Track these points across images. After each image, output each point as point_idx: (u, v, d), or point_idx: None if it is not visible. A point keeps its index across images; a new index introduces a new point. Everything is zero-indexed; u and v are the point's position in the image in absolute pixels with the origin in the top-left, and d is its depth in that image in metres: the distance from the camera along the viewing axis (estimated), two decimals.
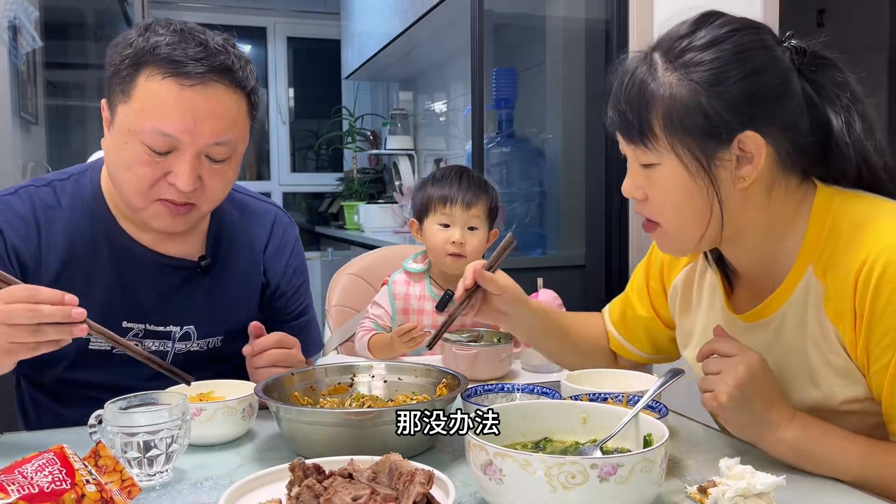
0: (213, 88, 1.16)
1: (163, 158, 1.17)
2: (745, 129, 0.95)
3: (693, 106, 0.95)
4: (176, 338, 1.32)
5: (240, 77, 1.20)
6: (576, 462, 0.76)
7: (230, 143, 1.20)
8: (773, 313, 1.04)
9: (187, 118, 1.14)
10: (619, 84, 1.01)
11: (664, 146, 0.97)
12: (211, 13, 5.30)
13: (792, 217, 1.02)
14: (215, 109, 1.16)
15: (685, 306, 1.23)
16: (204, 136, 1.16)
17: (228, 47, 1.21)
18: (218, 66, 1.17)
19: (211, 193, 1.23)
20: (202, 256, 1.34)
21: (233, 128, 1.20)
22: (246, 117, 1.24)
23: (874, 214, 0.97)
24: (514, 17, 3.45)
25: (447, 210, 1.77)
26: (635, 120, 0.98)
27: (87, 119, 3.91)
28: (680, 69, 0.96)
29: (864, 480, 0.93)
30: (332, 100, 5.46)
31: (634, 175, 1.04)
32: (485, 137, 2.81)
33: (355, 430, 0.98)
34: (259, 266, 1.42)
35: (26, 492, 0.74)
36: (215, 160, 1.20)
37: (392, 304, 1.79)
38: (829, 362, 0.99)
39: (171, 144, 1.16)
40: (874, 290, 0.92)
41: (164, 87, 1.14)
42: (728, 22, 0.99)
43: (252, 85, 1.23)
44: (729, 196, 0.98)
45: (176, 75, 1.14)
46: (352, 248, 4.16)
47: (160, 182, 1.18)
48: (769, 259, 1.05)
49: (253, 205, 1.47)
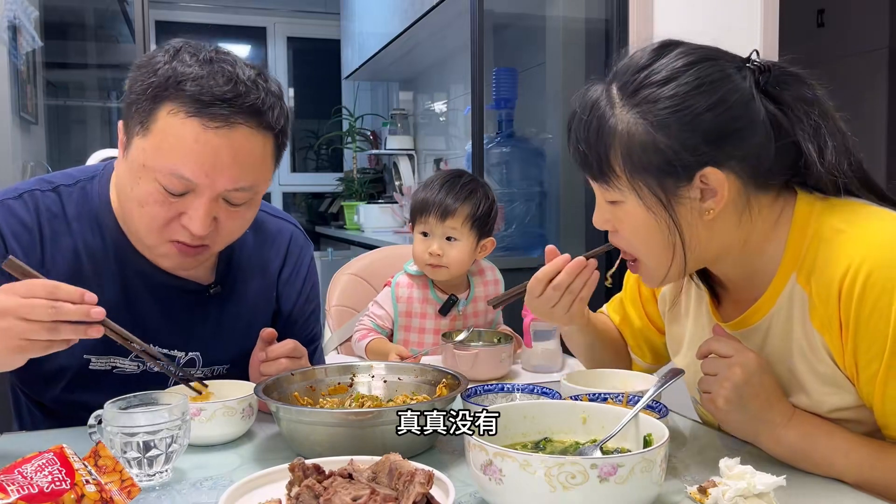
0: (238, 132, 1.07)
1: (177, 199, 1.09)
2: (704, 166, 0.93)
3: (650, 145, 0.93)
4: (180, 364, 1.26)
5: (269, 118, 1.11)
6: (576, 462, 0.76)
7: (251, 189, 1.12)
8: (757, 322, 1.03)
9: (207, 162, 1.06)
10: (579, 121, 0.99)
11: (625, 184, 0.96)
12: (211, 13, 5.30)
13: (770, 228, 1.00)
14: (239, 154, 1.08)
15: (674, 314, 1.22)
16: (223, 182, 1.08)
17: (259, 83, 1.10)
18: (247, 108, 1.07)
19: (226, 235, 1.16)
20: (211, 284, 1.27)
21: (256, 172, 1.12)
22: (271, 159, 1.15)
23: (855, 220, 0.96)
24: (514, 17, 3.45)
25: (423, 220, 1.74)
26: (594, 160, 0.97)
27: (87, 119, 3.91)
28: (638, 106, 0.94)
29: (864, 481, 0.93)
30: (332, 100, 5.47)
31: (601, 209, 1.03)
32: (485, 137, 2.81)
33: (355, 430, 0.98)
34: (272, 292, 1.36)
35: (26, 492, 0.74)
36: (233, 204, 1.12)
37: (395, 306, 1.79)
38: (816, 371, 0.98)
39: (188, 186, 1.08)
40: (858, 297, 0.90)
41: (187, 128, 1.05)
42: (685, 53, 0.96)
43: (281, 126, 1.14)
44: (694, 229, 0.97)
45: (199, 116, 1.05)
46: (352, 248, 4.16)
47: (173, 223, 1.11)
48: (751, 269, 1.03)
49: (268, 223, 1.38)
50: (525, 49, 3.46)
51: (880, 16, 3.88)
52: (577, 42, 3.12)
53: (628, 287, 1.35)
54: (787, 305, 0.99)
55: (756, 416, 0.96)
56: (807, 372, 0.98)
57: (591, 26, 3.05)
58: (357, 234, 4.26)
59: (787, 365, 1.00)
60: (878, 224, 0.95)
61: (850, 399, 0.96)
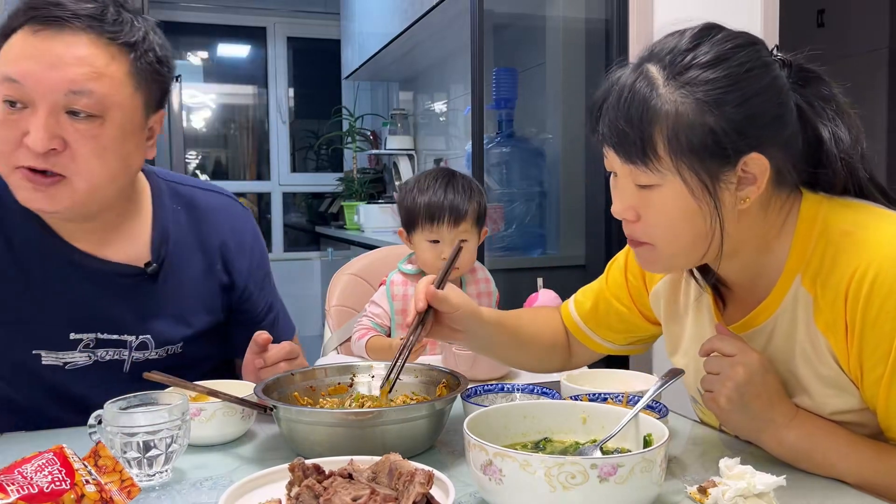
0: (70, 34, 1.07)
1: (18, 115, 1.06)
2: (751, 150, 0.92)
3: (699, 125, 0.90)
4: (133, 346, 1.26)
5: (111, 28, 1.09)
6: (576, 462, 0.76)
7: (92, 95, 1.07)
8: (761, 324, 1.02)
9: (33, 61, 1.05)
10: (617, 99, 0.95)
11: (668, 167, 0.92)
12: (211, 13, 5.29)
13: (780, 227, 1.00)
14: (70, 58, 1.06)
15: (671, 312, 1.20)
16: (55, 83, 1.05)
17: (110, 3, 1.12)
18: (82, 12, 1.08)
19: (82, 162, 1.09)
20: (148, 263, 1.25)
21: (97, 79, 1.07)
22: (124, 77, 1.11)
23: (863, 223, 0.95)
24: (514, 17, 3.44)
25: (434, 227, 1.70)
26: (637, 138, 0.93)
27: None
28: (684, 86, 0.91)
29: (865, 482, 0.92)
30: (332, 100, 5.46)
31: (626, 195, 0.98)
32: (485, 137, 2.81)
33: (355, 430, 0.98)
34: (216, 266, 1.34)
35: (26, 492, 0.74)
36: (78, 115, 1.07)
37: (391, 304, 1.79)
38: (819, 373, 0.97)
39: (22, 94, 1.06)
40: (865, 300, 0.90)
41: (19, 36, 1.07)
42: (731, 37, 0.95)
43: (134, 41, 1.11)
44: (729, 217, 0.95)
45: (31, 22, 1.07)
46: (352, 248, 4.16)
47: (20, 147, 1.07)
48: (757, 270, 1.03)
49: (202, 198, 1.36)
50: (525, 49, 3.46)
51: (880, 16, 3.88)
52: (577, 42, 3.12)
53: (611, 278, 1.30)
54: (792, 307, 0.99)
55: (758, 415, 0.96)
56: (809, 374, 0.98)
57: (591, 26, 3.05)
58: (357, 234, 4.26)
59: (789, 367, 1.00)
60: (885, 227, 0.94)
61: (852, 401, 0.96)
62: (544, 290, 1.76)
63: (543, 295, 1.74)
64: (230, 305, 1.38)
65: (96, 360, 1.24)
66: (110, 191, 1.16)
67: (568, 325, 1.35)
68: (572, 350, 1.35)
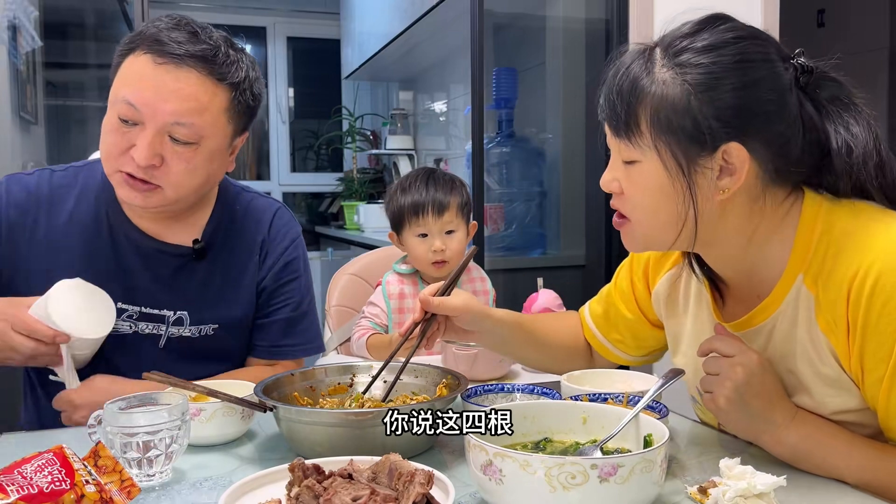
0: (184, 71, 1.21)
1: (129, 129, 1.21)
2: (731, 139, 0.93)
3: (682, 107, 0.93)
4: (170, 321, 1.36)
5: (220, 69, 1.24)
6: (576, 462, 0.76)
7: (192, 127, 1.22)
8: (761, 322, 1.02)
9: (150, 92, 1.20)
10: (614, 74, 0.99)
11: (647, 143, 0.96)
12: (211, 13, 5.29)
13: (776, 227, 1.00)
14: (181, 90, 1.21)
15: (671, 310, 1.20)
16: (164, 114, 1.20)
17: (220, 42, 1.25)
18: (197, 52, 1.22)
19: (174, 177, 1.25)
20: (196, 240, 1.37)
21: (199, 114, 1.22)
22: (222, 112, 1.26)
23: (865, 223, 0.95)
24: (514, 17, 3.45)
25: (420, 221, 1.76)
26: (623, 112, 0.97)
27: (87, 119, 3.91)
28: (678, 67, 0.94)
29: (865, 483, 0.92)
30: (332, 100, 5.46)
31: (614, 168, 1.02)
32: (485, 137, 2.81)
33: (355, 430, 0.98)
34: (254, 262, 1.44)
35: (26, 492, 0.74)
36: (178, 141, 1.22)
37: (387, 303, 1.80)
38: (820, 373, 0.97)
39: (136, 116, 1.20)
40: (867, 300, 0.90)
41: (141, 62, 1.21)
42: (734, 28, 0.97)
43: (237, 81, 1.26)
44: (706, 204, 0.96)
45: (153, 53, 1.21)
46: (352, 248, 4.16)
47: (126, 155, 1.22)
48: (752, 268, 1.03)
49: (257, 201, 1.49)
50: (525, 49, 3.46)
51: (880, 16, 3.88)
52: (577, 42, 3.12)
53: (619, 282, 1.32)
54: (793, 306, 0.99)
55: (757, 416, 0.96)
56: (810, 374, 0.98)
57: (591, 26, 3.05)
58: (357, 234, 4.25)
59: (789, 366, 1.00)
60: (888, 227, 0.94)
61: (853, 401, 0.96)
62: (544, 290, 1.76)
63: (543, 295, 1.73)
64: (258, 301, 1.45)
65: (136, 332, 1.35)
66: (194, 198, 1.34)
67: (585, 331, 1.37)
68: (594, 356, 1.37)
